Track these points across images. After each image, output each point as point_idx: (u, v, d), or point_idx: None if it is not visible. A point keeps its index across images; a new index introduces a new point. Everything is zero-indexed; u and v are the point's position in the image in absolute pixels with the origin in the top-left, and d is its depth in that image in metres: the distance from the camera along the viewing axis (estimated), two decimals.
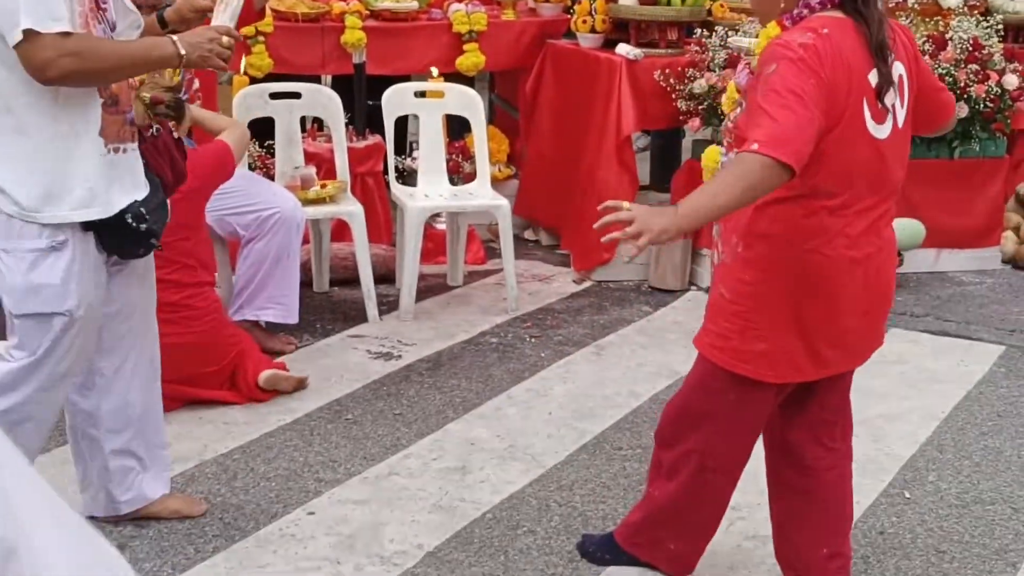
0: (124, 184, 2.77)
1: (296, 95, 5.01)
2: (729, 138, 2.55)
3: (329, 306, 5.07)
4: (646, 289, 5.40)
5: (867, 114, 2.40)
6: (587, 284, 5.49)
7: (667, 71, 5.36)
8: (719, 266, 2.64)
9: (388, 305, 5.02)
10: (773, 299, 2.52)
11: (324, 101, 5.07)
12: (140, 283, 2.99)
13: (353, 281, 5.00)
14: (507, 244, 5.01)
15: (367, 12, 5.60)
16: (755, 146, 2.24)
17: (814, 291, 2.50)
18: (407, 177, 5.52)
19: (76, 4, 2.57)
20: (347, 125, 5.22)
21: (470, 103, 5.34)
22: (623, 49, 5.42)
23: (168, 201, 2.96)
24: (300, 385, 4.13)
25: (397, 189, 5.25)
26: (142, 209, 2.78)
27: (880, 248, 2.55)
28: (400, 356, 4.52)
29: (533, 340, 4.75)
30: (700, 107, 5.29)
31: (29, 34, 2.47)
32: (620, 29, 5.63)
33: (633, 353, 4.62)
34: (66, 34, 2.51)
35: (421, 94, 5.31)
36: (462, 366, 4.45)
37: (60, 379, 2.81)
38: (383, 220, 5.48)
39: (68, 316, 2.73)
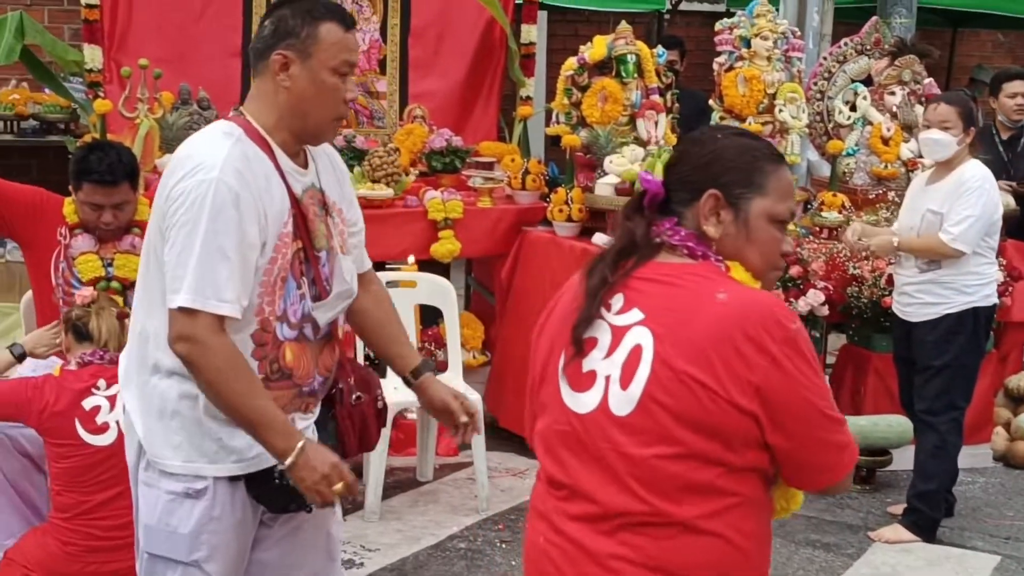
0: None
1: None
2: None
3: None
4: None
5: None
6: None
7: None
8: None
9: (353, 503, 4.77)
10: None
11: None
12: (312, 542, 2.67)
13: None
14: (478, 439, 4.79)
15: None
16: None
17: None
18: (377, 367, 5.33)
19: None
20: None
21: (442, 293, 5.22)
22: (600, 239, 5.32)
23: None
24: None
25: None
26: None
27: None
28: (362, 564, 4.26)
29: (504, 545, 4.49)
30: None
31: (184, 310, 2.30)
32: (597, 218, 5.55)
33: None
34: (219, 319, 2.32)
35: (393, 284, 5.19)
36: None
37: None
38: None
39: (196, 568, 2.48)
